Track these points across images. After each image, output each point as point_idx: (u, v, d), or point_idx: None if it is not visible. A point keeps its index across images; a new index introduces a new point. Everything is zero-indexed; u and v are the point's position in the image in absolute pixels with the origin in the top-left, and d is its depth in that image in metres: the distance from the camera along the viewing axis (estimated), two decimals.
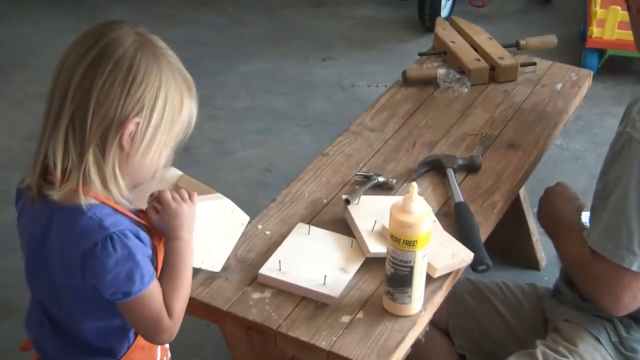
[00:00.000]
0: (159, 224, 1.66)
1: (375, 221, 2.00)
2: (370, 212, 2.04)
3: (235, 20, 5.24)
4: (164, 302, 1.62)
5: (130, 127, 1.54)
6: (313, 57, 4.85)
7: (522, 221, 3.06)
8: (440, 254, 1.91)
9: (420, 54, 2.88)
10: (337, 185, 2.22)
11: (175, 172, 1.78)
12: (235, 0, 5.48)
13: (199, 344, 2.85)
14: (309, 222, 2.07)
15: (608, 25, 4.34)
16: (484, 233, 2.08)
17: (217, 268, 1.83)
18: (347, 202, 2.08)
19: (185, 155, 3.98)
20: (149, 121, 1.57)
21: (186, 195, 1.69)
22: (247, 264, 1.94)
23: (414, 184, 1.72)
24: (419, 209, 1.71)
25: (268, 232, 2.05)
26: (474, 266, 1.96)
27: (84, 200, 1.55)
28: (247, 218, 1.86)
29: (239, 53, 4.84)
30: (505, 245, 3.02)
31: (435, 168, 2.27)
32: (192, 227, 1.68)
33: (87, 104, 1.53)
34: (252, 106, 4.35)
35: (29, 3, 5.33)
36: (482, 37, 2.85)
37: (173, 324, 1.64)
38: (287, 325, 1.79)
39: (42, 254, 1.64)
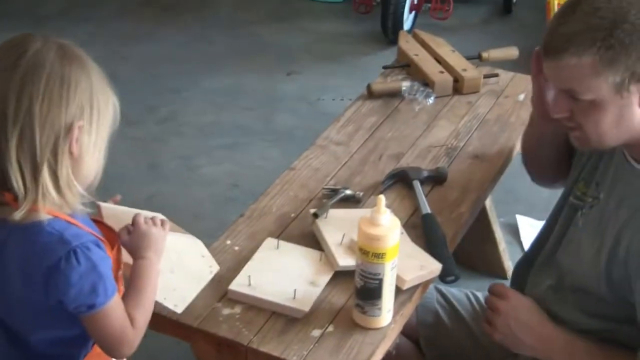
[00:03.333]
0: (128, 243, 1.74)
1: (344, 234, 2.01)
2: (338, 225, 2.05)
3: (199, 36, 5.23)
4: (127, 314, 1.66)
5: (76, 132, 1.56)
6: (277, 71, 4.86)
7: (488, 231, 3.08)
8: (409, 265, 1.92)
9: (385, 67, 2.90)
10: (305, 199, 2.23)
11: (160, 217, 1.82)
12: (199, 17, 5.49)
13: None
14: (278, 237, 2.07)
15: None
16: (451, 244, 2.09)
17: (179, 309, 1.83)
18: (315, 216, 2.08)
19: (152, 172, 3.97)
20: (90, 121, 1.59)
21: (158, 221, 1.78)
22: (217, 280, 1.94)
23: (381, 196, 1.73)
24: (387, 221, 1.72)
25: (237, 248, 2.05)
26: (442, 277, 1.97)
27: (39, 216, 1.57)
28: (217, 267, 1.93)
29: (204, 69, 4.84)
30: (472, 255, 3.04)
31: (401, 180, 2.28)
32: (160, 250, 1.76)
33: (32, 124, 1.53)
34: (217, 122, 4.35)
35: None
36: (445, 50, 2.88)
37: (135, 337, 1.67)
38: (258, 340, 1.79)
39: (0, 270, 1.65)
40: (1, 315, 1.73)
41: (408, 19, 5.17)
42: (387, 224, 1.72)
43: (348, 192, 2.21)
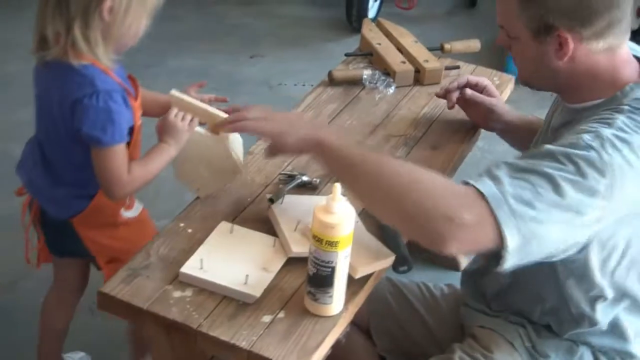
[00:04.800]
0: (159, 128, 2.12)
1: (299, 221, 2.00)
2: (293, 211, 2.04)
3: (166, 15, 5.15)
4: (129, 164, 2.08)
5: (108, 3, 1.96)
6: (242, 54, 4.84)
7: None
8: (362, 254, 1.91)
9: (347, 55, 2.90)
10: (261, 184, 2.22)
11: (222, 115, 2.10)
12: None
13: (123, 341, 2.83)
14: (232, 221, 2.06)
15: None
16: None
17: (202, 194, 2.15)
18: (271, 201, 2.07)
19: None
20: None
21: (188, 118, 2.11)
22: (169, 262, 1.93)
23: (337, 184, 1.72)
24: (342, 209, 1.72)
25: (190, 230, 2.04)
26: (395, 267, 1.97)
27: (76, 61, 2.00)
28: (240, 171, 2.16)
29: (170, 48, 4.80)
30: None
31: None
32: (179, 140, 2.12)
33: None
34: None
35: None
36: (408, 40, 2.87)
37: (127, 183, 2.09)
38: (208, 324, 1.78)
39: (46, 103, 2.13)
40: (43, 143, 2.20)
41: (373, 7, 5.17)
42: (342, 213, 1.72)
43: (305, 178, 2.20)
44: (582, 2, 1.76)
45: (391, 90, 2.66)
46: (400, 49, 2.83)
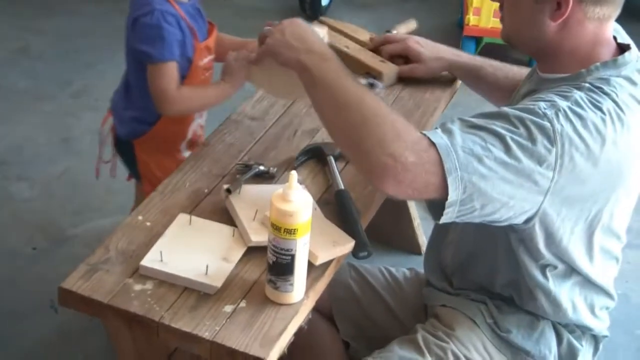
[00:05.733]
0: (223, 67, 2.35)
1: (257, 210, 2.00)
2: (251, 201, 2.05)
3: (114, 9, 5.14)
4: (181, 87, 2.31)
5: None
6: None
7: (403, 207, 3.11)
8: (322, 241, 1.92)
9: None
10: (218, 175, 2.22)
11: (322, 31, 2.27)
12: None
13: (82, 338, 2.82)
14: (190, 212, 2.06)
15: (484, 14, 4.44)
16: (365, 220, 2.10)
17: (295, 98, 2.45)
18: (228, 191, 2.07)
19: (64, 146, 3.89)
20: None
21: (243, 58, 2.29)
22: (128, 256, 1.92)
23: (294, 172, 1.73)
24: (299, 197, 1.73)
25: (149, 223, 2.03)
26: (355, 253, 1.97)
27: None
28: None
29: (119, 43, 4.73)
30: (386, 231, 3.07)
31: (316, 156, 2.28)
32: (233, 76, 2.33)
33: None
34: None
35: None
36: (365, 37, 2.78)
37: (175, 99, 2.29)
38: (170, 316, 1.78)
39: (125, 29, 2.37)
40: (128, 75, 2.48)
41: None
42: (299, 200, 1.72)
43: (262, 167, 2.20)
44: None
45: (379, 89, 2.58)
46: (364, 47, 2.75)
